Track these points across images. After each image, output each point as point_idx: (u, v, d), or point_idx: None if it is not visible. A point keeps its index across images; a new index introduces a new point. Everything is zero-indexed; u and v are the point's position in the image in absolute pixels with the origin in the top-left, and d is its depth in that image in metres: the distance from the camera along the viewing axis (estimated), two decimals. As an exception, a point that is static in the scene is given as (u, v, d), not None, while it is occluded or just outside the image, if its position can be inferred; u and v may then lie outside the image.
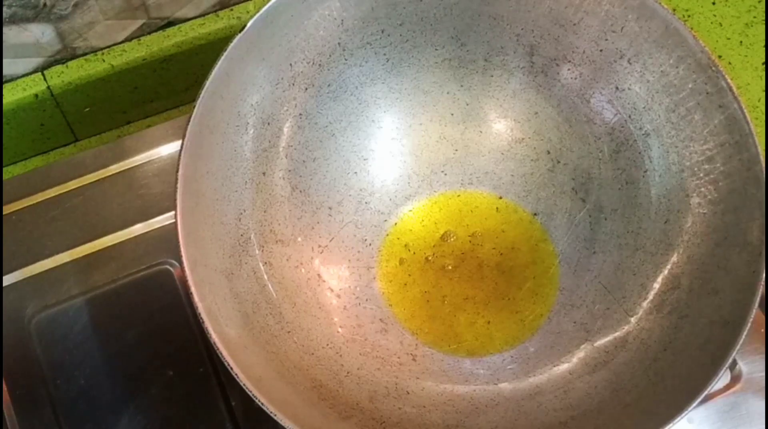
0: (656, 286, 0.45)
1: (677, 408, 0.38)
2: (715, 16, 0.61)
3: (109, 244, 0.51)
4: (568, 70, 0.47)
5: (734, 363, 0.49)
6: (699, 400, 0.38)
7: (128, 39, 0.55)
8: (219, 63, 0.41)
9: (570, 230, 0.48)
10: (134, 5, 0.52)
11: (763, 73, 0.59)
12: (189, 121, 0.40)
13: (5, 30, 0.49)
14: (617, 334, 0.45)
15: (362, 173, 0.49)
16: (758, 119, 0.58)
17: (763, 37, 0.60)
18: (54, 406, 0.47)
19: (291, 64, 0.45)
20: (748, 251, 0.41)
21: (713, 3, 0.61)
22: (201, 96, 0.41)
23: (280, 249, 0.46)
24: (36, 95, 0.53)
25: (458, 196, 0.50)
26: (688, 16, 0.61)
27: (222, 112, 0.42)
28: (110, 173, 0.53)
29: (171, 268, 0.50)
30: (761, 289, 0.40)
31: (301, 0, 0.43)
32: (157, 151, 0.53)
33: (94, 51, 0.54)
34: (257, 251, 0.45)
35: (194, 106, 0.40)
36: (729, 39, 0.60)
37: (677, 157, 0.45)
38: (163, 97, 0.59)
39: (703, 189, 0.44)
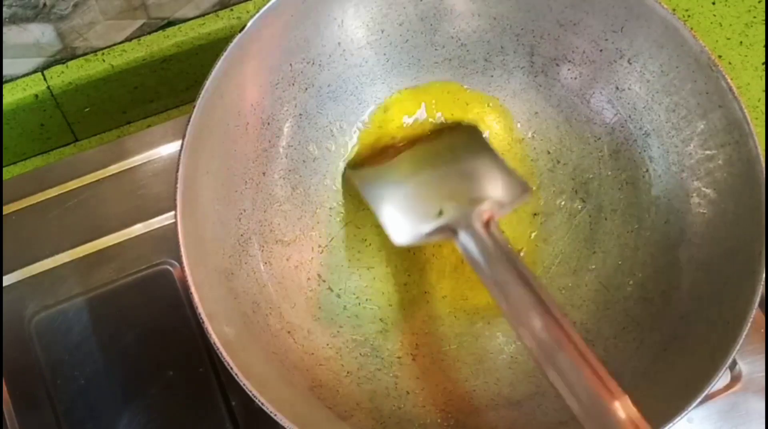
0: (656, 286, 0.45)
1: (677, 408, 0.38)
2: (715, 16, 0.61)
3: (109, 244, 0.51)
4: (568, 70, 0.47)
5: (734, 363, 0.49)
6: (699, 400, 0.38)
7: (128, 39, 0.55)
8: (219, 63, 0.41)
9: (570, 230, 0.48)
10: (134, 5, 0.52)
11: (763, 73, 0.59)
12: (189, 121, 0.40)
13: (5, 30, 0.49)
14: (617, 334, 0.45)
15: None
16: (758, 119, 0.58)
17: (763, 37, 0.60)
18: (54, 406, 0.47)
19: (291, 64, 0.45)
20: (748, 251, 0.41)
21: (713, 3, 0.61)
22: (201, 96, 0.41)
23: (280, 249, 0.46)
24: (36, 95, 0.53)
25: (458, 196, 0.50)
26: (688, 16, 0.61)
27: (222, 112, 0.42)
28: (110, 173, 0.53)
29: (171, 268, 0.50)
30: (761, 289, 0.40)
31: (301, 0, 0.43)
32: (157, 151, 0.53)
33: (94, 51, 0.54)
34: (257, 251, 0.45)
35: (194, 106, 0.40)
36: (729, 39, 0.60)
37: (677, 157, 0.45)
38: (163, 97, 0.59)
39: (703, 189, 0.44)
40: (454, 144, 0.48)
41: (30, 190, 0.52)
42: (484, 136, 0.48)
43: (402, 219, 0.44)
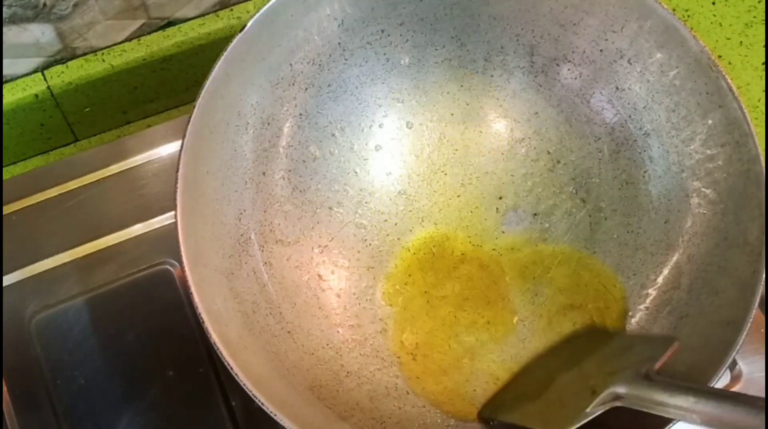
0: (656, 286, 0.45)
1: (677, 408, 0.38)
2: (715, 16, 0.61)
3: (109, 244, 0.51)
4: (568, 70, 0.47)
5: (734, 363, 0.49)
6: (699, 400, 0.38)
7: (128, 39, 0.55)
8: (219, 63, 0.41)
9: (570, 230, 0.48)
10: (134, 5, 0.52)
11: (763, 73, 0.59)
12: (189, 121, 0.40)
13: (5, 30, 0.49)
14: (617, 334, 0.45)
15: (362, 173, 0.49)
16: (758, 119, 0.58)
17: (763, 37, 0.60)
18: (54, 406, 0.47)
19: (291, 64, 0.45)
20: (748, 251, 0.41)
21: (713, 3, 0.61)
22: (201, 96, 0.41)
23: (280, 249, 0.46)
24: (36, 95, 0.53)
25: (458, 196, 0.50)
26: (688, 16, 0.61)
27: (222, 112, 0.42)
28: (110, 173, 0.53)
29: (171, 268, 0.50)
30: (761, 289, 0.40)
31: (301, 0, 0.43)
32: (157, 151, 0.53)
33: (94, 51, 0.54)
34: (257, 251, 0.45)
35: (194, 106, 0.40)
36: (729, 39, 0.60)
37: (677, 157, 0.45)
38: (163, 97, 0.59)
39: (703, 189, 0.44)
40: (578, 346, 0.46)
41: (30, 190, 0.52)
42: (603, 327, 0.46)
43: (554, 412, 0.40)
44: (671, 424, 0.38)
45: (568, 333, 0.46)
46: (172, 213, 0.39)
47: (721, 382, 0.48)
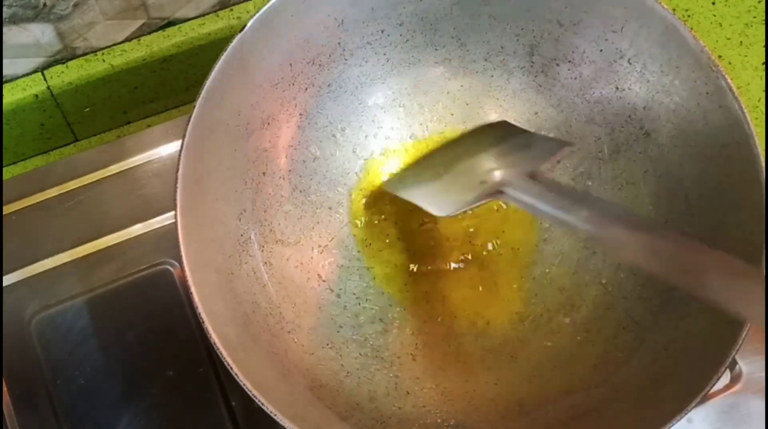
0: (656, 286, 0.45)
1: (677, 408, 0.38)
2: (715, 16, 0.61)
3: (109, 244, 0.51)
4: (568, 70, 0.47)
5: (734, 363, 0.49)
6: (699, 400, 0.38)
7: (128, 39, 0.55)
8: (219, 63, 0.41)
9: (570, 230, 0.48)
10: (134, 5, 0.52)
11: (763, 73, 0.59)
12: (189, 121, 0.40)
13: (5, 30, 0.49)
14: (617, 334, 0.45)
15: (362, 173, 0.49)
16: (758, 119, 0.58)
17: (763, 37, 0.60)
18: (54, 406, 0.47)
19: (291, 64, 0.45)
20: (748, 251, 0.41)
21: (713, 3, 0.61)
22: (201, 96, 0.41)
23: (280, 249, 0.46)
24: (36, 95, 0.53)
25: (458, 196, 0.50)
26: (688, 16, 0.61)
27: (222, 112, 0.42)
28: (110, 173, 0.53)
29: (171, 268, 0.50)
30: (761, 289, 0.40)
31: (301, 0, 0.43)
32: (157, 151, 0.53)
33: (94, 51, 0.54)
34: (257, 251, 0.45)
35: (194, 106, 0.40)
36: (729, 39, 0.60)
37: (677, 157, 0.45)
38: (163, 97, 0.59)
39: (703, 190, 0.44)
40: (485, 135, 0.48)
41: (30, 190, 0.52)
42: (513, 123, 0.49)
43: (442, 197, 0.44)
44: (670, 423, 0.38)
45: (480, 124, 0.49)
46: (172, 213, 0.39)
47: (721, 381, 0.48)
